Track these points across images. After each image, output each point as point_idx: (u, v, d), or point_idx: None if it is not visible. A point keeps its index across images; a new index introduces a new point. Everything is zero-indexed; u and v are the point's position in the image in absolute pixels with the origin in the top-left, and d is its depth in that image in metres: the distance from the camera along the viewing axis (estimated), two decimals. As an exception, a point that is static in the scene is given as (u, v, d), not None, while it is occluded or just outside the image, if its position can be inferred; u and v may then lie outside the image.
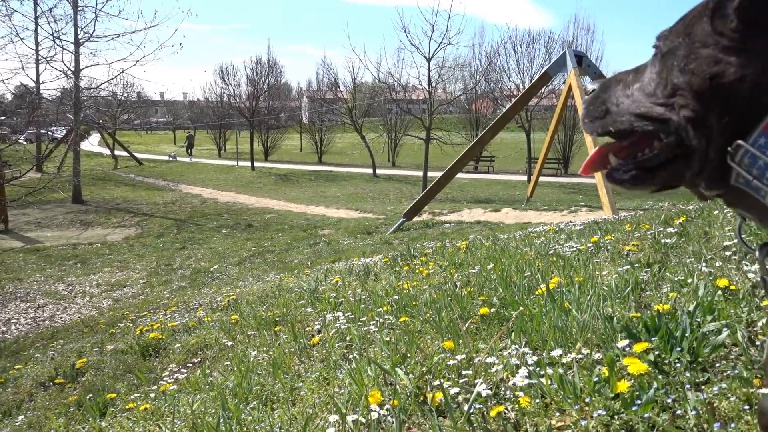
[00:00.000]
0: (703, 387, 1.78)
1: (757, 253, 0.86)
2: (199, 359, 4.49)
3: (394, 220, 19.21)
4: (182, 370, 4.26)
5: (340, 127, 42.31)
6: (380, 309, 3.75)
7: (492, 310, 3.03)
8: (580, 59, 15.12)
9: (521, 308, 2.67)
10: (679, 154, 0.84)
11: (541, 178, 25.76)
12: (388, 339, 3.05)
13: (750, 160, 0.75)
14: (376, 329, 3.26)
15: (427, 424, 1.94)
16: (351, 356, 3.00)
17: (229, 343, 4.39)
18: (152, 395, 3.55)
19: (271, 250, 15.66)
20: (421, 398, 2.18)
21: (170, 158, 45.76)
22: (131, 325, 7.65)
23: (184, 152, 50.09)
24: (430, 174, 28.02)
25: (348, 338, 3.37)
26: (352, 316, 3.72)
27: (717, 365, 1.88)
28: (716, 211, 5.01)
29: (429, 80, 26.19)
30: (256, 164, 40.00)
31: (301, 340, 3.49)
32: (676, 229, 4.25)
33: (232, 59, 58.64)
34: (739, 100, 0.75)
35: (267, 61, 41.17)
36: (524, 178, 32.13)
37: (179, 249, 17.54)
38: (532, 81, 17.21)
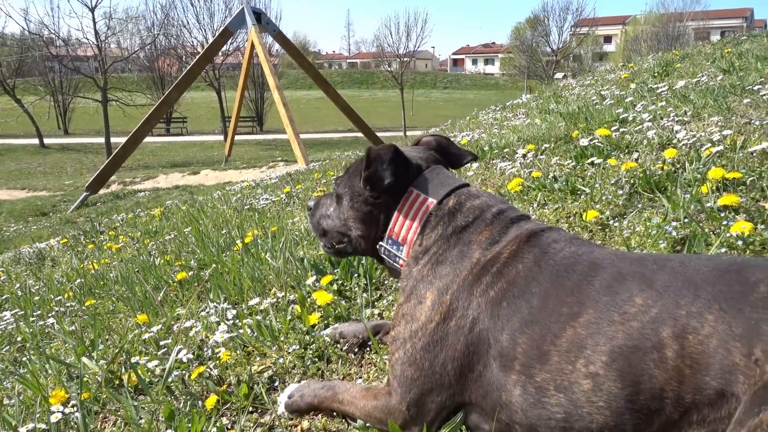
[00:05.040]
0: (376, 303, 2.07)
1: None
2: None
3: (76, 195, 16.69)
4: None
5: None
6: (60, 297, 3.24)
7: (190, 273, 2.92)
8: (259, 16, 15.28)
9: (214, 265, 2.64)
10: (357, 250, 1.59)
11: (238, 137, 25.69)
12: (72, 328, 2.67)
13: (386, 252, 1.47)
14: (55, 320, 2.82)
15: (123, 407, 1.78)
16: (25, 359, 2.54)
17: None
18: None
19: None
20: (117, 382, 1.99)
21: None
22: None
23: None
24: (114, 140, 25.05)
25: (20, 338, 2.84)
26: (22, 312, 3.13)
27: (386, 282, 2.20)
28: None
29: (96, 33, 22.94)
30: None
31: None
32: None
33: None
34: (380, 224, 1.47)
35: None
36: (220, 137, 31.50)
37: None
38: (215, 37, 16.68)
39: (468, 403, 1.22)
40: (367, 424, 1.34)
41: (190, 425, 1.49)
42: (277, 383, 1.70)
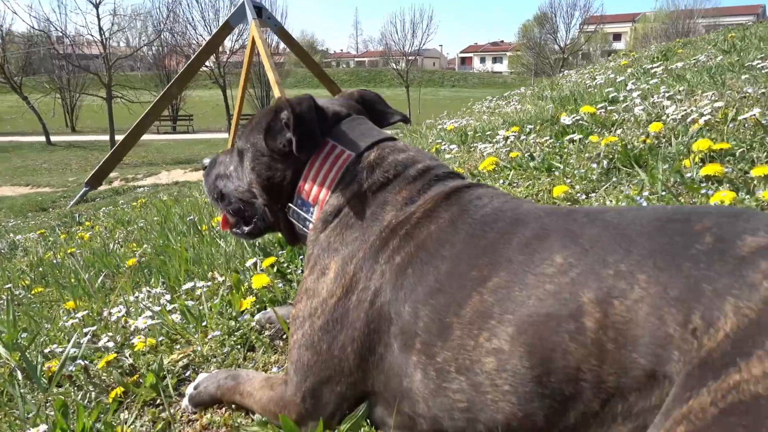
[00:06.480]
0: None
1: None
2: None
3: (78, 191, 16.62)
4: None
5: (-9, 86, 34.05)
6: (9, 285, 3.07)
7: (143, 259, 2.74)
8: (260, 10, 15.09)
9: (150, 250, 2.45)
10: (270, 227, 1.35)
11: (242, 134, 25.59)
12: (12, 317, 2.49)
13: (294, 215, 1.23)
14: (-2, 308, 2.64)
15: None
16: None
17: None
18: None
19: None
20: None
21: None
22: None
23: None
24: (118, 137, 25.02)
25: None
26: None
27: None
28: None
29: (100, 30, 22.95)
30: None
31: None
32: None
33: None
34: (286, 187, 1.23)
35: None
36: (226, 135, 31.42)
37: None
38: (215, 31, 16.55)
39: (371, 393, 1.01)
40: (264, 419, 1.14)
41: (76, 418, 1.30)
42: (189, 373, 1.50)
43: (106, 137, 28.47)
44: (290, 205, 1.24)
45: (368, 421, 1.03)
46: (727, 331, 0.64)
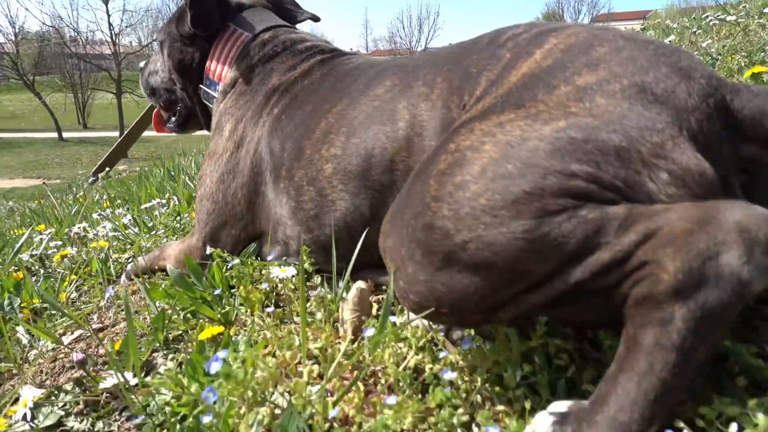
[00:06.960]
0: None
1: None
2: None
3: (85, 183, 17.02)
4: None
5: (4, 84, 34.75)
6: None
7: (118, 201, 2.91)
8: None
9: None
10: (192, 113, 1.49)
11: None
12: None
13: (205, 95, 1.39)
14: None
15: None
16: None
17: None
18: None
19: None
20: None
21: None
22: None
23: None
24: (128, 132, 25.49)
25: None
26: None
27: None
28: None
29: (110, 25, 23.33)
30: None
31: None
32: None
33: None
34: (195, 68, 1.39)
35: None
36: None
37: None
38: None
39: (260, 235, 1.16)
40: (177, 271, 1.29)
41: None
42: (131, 259, 1.65)
43: (117, 133, 28.97)
44: (201, 86, 1.39)
45: (258, 258, 1.17)
46: (477, 94, 0.78)
